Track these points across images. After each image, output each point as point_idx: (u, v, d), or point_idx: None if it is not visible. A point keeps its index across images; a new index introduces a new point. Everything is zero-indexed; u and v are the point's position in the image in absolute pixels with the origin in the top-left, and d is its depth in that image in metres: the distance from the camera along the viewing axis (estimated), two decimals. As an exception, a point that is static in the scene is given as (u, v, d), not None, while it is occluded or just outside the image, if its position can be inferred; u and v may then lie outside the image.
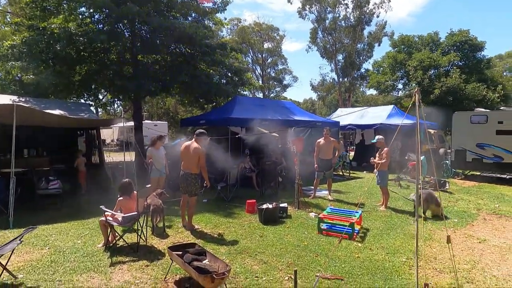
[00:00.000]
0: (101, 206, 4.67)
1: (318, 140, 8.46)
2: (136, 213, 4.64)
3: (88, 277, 3.89)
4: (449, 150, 14.40)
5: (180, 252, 3.66)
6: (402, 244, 5.07)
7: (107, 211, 4.63)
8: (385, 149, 7.29)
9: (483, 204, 8.01)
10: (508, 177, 11.66)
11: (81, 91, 13.32)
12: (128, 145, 18.61)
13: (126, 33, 13.37)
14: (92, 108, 16.36)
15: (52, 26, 11.25)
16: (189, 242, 4.42)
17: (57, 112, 9.17)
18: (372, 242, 5.16)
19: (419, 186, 3.59)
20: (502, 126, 11.22)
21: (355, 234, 5.33)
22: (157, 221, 5.54)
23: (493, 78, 24.83)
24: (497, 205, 7.99)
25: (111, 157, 10.07)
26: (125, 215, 4.69)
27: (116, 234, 4.73)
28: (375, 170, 7.47)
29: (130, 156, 13.40)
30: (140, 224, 4.83)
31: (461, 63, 24.91)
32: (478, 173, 12.39)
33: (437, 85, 21.41)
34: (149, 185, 5.15)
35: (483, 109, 12.69)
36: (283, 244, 5.00)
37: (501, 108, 15.18)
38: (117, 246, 4.80)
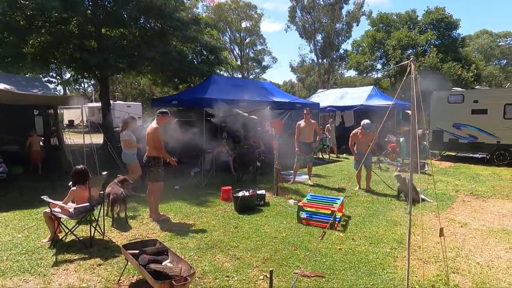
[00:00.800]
0: (43, 197, 4.00)
1: (299, 122, 7.99)
2: (88, 204, 4.00)
3: (20, 281, 3.26)
4: (427, 131, 14.45)
5: (137, 251, 3.11)
6: (386, 233, 4.76)
7: (52, 202, 3.97)
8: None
9: (460, 185, 7.93)
10: (480, 156, 11.76)
11: (35, 65, 12.03)
12: (98, 126, 17.55)
13: (87, 2, 12.12)
14: (52, 85, 15.06)
15: None
16: (149, 238, 3.86)
17: (1, 86, 8.10)
18: (355, 231, 4.81)
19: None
20: (477, 105, 11.20)
21: (336, 223, 4.96)
22: (117, 211, 4.94)
23: (467, 57, 25.13)
24: (473, 185, 7.96)
25: (72, 139, 9.16)
26: (77, 206, 4.05)
27: (62, 229, 4.08)
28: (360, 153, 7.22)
29: (99, 139, 12.52)
30: (94, 216, 4.21)
31: (437, 42, 24.96)
32: (454, 154, 12.46)
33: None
34: (105, 172, 4.50)
35: (459, 89, 12.63)
36: (260, 236, 4.56)
37: (476, 87, 15.26)
38: (66, 241, 4.18)
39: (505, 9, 78.97)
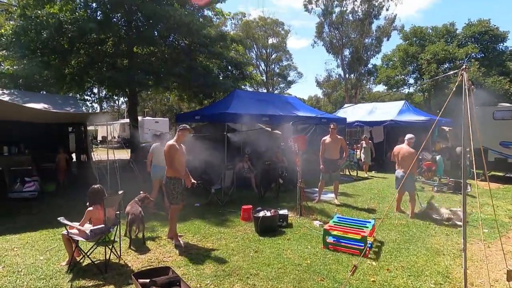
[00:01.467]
0: (59, 218, 3.86)
1: (324, 138, 7.56)
2: (103, 225, 3.82)
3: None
4: (468, 149, 13.39)
5: (147, 281, 2.84)
6: (426, 263, 4.20)
7: (69, 224, 3.83)
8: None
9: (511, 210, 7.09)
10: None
11: (72, 84, 12.57)
12: (126, 142, 17.96)
13: (121, 23, 12.62)
14: (88, 103, 15.69)
15: (41, 12, 10.49)
16: (162, 266, 3.59)
17: (40, 106, 8.44)
18: (389, 260, 4.30)
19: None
20: (529, 122, 10.22)
21: (368, 249, 4.47)
22: (136, 232, 4.74)
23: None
24: (527, 211, 7.08)
25: (99, 155, 9.30)
26: (93, 228, 3.89)
27: (81, 252, 3.91)
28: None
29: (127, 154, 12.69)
30: (109, 238, 4.02)
31: (480, 56, 23.50)
32: (501, 174, 11.39)
33: (452, 79, 20.28)
34: (121, 191, 4.33)
35: (507, 104, 11.65)
36: (282, 262, 4.16)
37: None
38: (83, 265, 4.00)
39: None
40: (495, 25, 23.95)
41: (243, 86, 16.50)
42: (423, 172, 10.62)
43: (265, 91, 39.71)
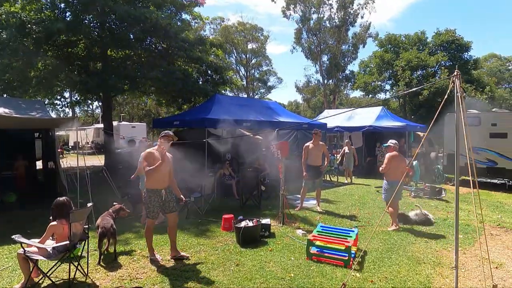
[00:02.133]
0: (13, 236, 3.48)
1: (306, 144, 7.45)
2: (67, 242, 3.48)
3: None
4: (440, 154, 13.79)
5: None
6: (409, 273, 4.14)
7: (26, 242, 3.46)
8: (387, 154, 6.09)
9: (484, 215, 7.24)
10: (499, 182, 11.07)
11: (39, 88, 11.88)
12: (102, 148, 17.23)
13: (93, 24, 12.09)
14: (58, 107, 14.92)
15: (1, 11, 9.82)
16: (133, 287, 3.30)
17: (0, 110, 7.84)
18: (373, 271, 4.20)
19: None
20: (495, 128, 10.63)
21: (351, 259, 4.36)
22: (105, 246, 4.40)
23: (479, 79, 24.59)
24: (499, 215, 7.28)
25: (69, 163, 8.78)
26: (55, 245, 3.54)
27: (40, 271, 3.54)
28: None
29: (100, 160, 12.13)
30: (74, 254, 3.69)
31: (448, 64, 24.54)
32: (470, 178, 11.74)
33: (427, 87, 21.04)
34: (90, 204, 3.99)
35: (475, 111, 12.07)
36: (264, 276, 3.97)
37: (494, 109, 14.70)
38: (42, 286, 3.64)
39: None
40: (460, 35, 25.20)
41: (223, 91, 16.28)
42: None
43: (245, 96, 39.61)
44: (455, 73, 2.07)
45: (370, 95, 29.73)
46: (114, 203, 5.14)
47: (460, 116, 2.00)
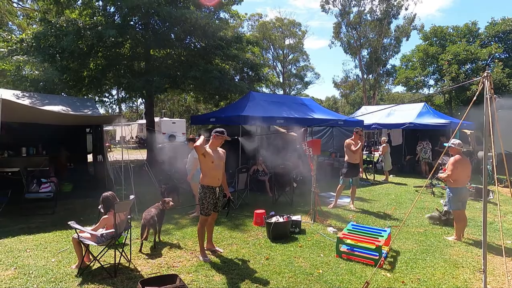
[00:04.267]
0: (69, 222, 3.91)
1: (347, 141, 7.37)
2: (113, 230, 3.84)
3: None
4: (490, 153, 12.83)
5: (154, 289, 2.82)
6: (444, 276, 4.01)
7: (79, 228, 3.87)
8: (451, 158, 5.34)
9: (538, 220, 6.72)
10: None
11: (90, 87, 12.88)
12: (143, 142, 18.19)
13: (138, 26, 12.83)
14: (106, 104, 16.04)
15: (61, 19, 10.81)
16: (170, 274, 3.56)
17: (58, 108, 8.67)
18: (405, 272, 4.13)
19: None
20: (556, 125, 9.71)
21: (382, 259, 4.31)
22: (144, 235, 4.74)
23: (543, 72, 22.19)
24: (555, 220, 6.69)
25: (115, 156, 9.47)
26: (103, 232, 3.92)
27: (91, 255, 3.94)
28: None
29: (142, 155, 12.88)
30: (119, 242, 4.05)
31: (504, 56, 22.43)
32: (525, 180, 10.85)
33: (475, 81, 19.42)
34: (132, 197, 4.33)
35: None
36: (293, 271, 4.07)
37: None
38: (93, 268, 4.04)
39: None
40: (519, 24, 22.81)
41: (258, 88, 16.46)
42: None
43: (281, 92, 39.54)
44: (485, 74, 1.99)
45: (413, 91, 28.22)
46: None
47: (489, 118, 1.93)
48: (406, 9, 30.99)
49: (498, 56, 22.21)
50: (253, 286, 3.68)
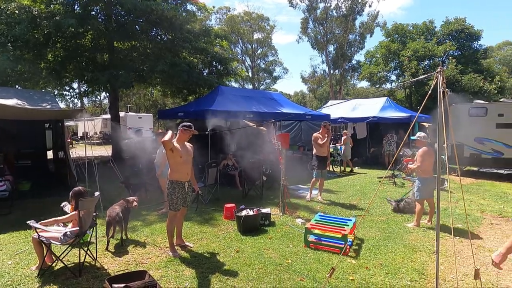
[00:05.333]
0: (29, 222, 3.71)
1: (315, 135, 7.52)
2: (77, 228, 3.70)
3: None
4: (444, 145, 13.73)
5: (122, 286, 2.77)
6: (404, 260, 4.28)
7: (39, 227, 3.69)
8: (420, 150, 5.61)
9: (486, 205, 7.32)
10: (506, 172, 11.07)
11: (49, 79, 12.15)
12: (109, 138, 17.54)
13: (100, 16, 12.24)
14: (67, 98, 15.22)
15: (12, 5, 10.03)
16: (138, 270, 3.51)
17: (13, 101, 8.11)
18: (369, 258, 4.35)
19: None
20: (502, 119, 10.56)
21: (348, 247, 4.51)
22: (111, 233, 4.61)
23: (489, 69, 24.10)
24: (501, 205, 7.32)
25: (78, 153, 9.07)
26: (67, 231, 3.76)
27: (53, 255, 3.78)
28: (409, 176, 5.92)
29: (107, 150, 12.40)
30: (84, 240, 3.92)
31: (457, 53, 24.10)
32: (475, 169, 11.77)
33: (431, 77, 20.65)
34: (97, 193, 4.18)
35: (482, 101, 11.98)
36: (263, 262, 4.15)
37: (501, 100, 14.54)
38: (56, 269, 3.87)
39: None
40: (470, 24, 24.64)
41: (228, 82, 16.37)
42: (403, 168, 10.82)
43: (251, 86, 39.57)
44: (438, 69, 2.15)
45: (377, 86, 29.43)
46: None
47: (442, 111, 2.09)
48: (370, 6, 32.05)
49: (452, 53, 23.73)
50: (223, 278, 3.71)
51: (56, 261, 3.80)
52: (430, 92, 2.18)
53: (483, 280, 3.75)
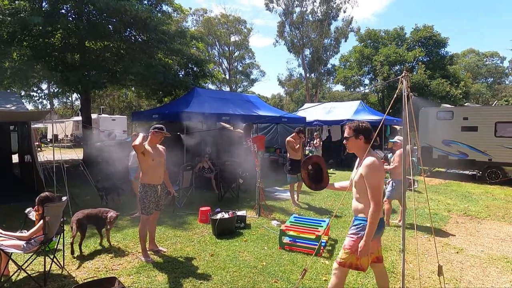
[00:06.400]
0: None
1: (289, 139, 7.48)
2: (42, 235, 3.53)
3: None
4: (415, 147, 14.31)
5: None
6: (375, 259, 4.39)
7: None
8: (397, 151, 5.93)
9: (452, 205, 7.67)
10: (470, 173, 11.66)
11: (14, 79, 11.56)
12: (81, 141, 16.90)
13: (70, 15, 11.80)
14: (36, 99, 14.55)
15: None
16: (108, 276, 3.39)
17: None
18: (341, 258, 4.43)
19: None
20: (467, 122, 11.13)
21: (322, 248, 4.58)
22: (77, 238, 4.42)
23: (455, 75, 25.45)
24: (466, 205, 7.70)
25: (46, 156, 8.67)
26: (31, 238, 3.57)
27: (14, 264, 3.56)
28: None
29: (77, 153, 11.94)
30: (49, 248, 3.74)
31: (425, 59, 25.28)
32: (444, 170, 12.32)
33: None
34: (64, 198, 4.01)
35: (448, 105, 12.58)
36: (237, 265, 4.13)
37: (466, 104, 15.33)
38: (18, 279, 3.67)
39: (491, 30, 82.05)
40: (437, 31, 25.99)
41: (204, 84, 16.24)
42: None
43: (228, 89, 39.49)
44: (403, 73, 2.25)
45: (351, 89, 30.25)
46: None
47: (406, 114, 2.19)
48: (344, 11, 33.00)
49: (421, 59, 24.85)
50: (197, 283, 3.66)
51: (18, 270, 3.60)
52: (395, 95, 2.27)
53: (448, 276, 3.92)
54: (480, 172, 10.95)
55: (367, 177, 2.56)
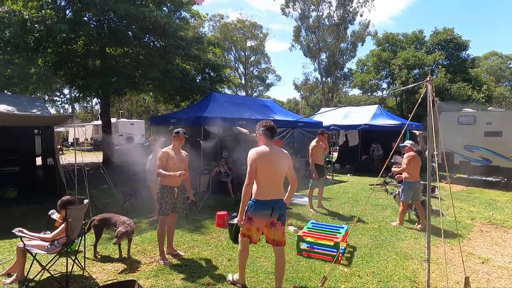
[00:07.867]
0: (14, 230, 3.61)
1: (313, 144, 7.33)
2: (65, 237, 3.62)
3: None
4: (436, 153, 13.93)
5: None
6: (395, 268, 4.28)
7: (25, 235, 3.59)
8: (406, 154, 6.08)
9: (476, 212, 7.40)
10: (494, 180, 11.22)
11: (39, 85, 12.01)
12: (100, 145, 17.33)
13: (92, 22, 12.19)
14: (58, 104, 15.06)
15: (1, 9, 9.95)
16: (127, 279, 3.44)
17: (1, 107, 7.98)
18: (361, 266, 4.34)
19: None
20: (490, 127, 10.76)
21: (340, 255, 4.50)
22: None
23: (477, 78, 24.68)
24: (490, 213, 7.40)
25: (67, 159, 8.91)
26: (54, 240, 3.67)
27: (39, 265, 3.66)
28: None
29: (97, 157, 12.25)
30: (71, 249, 3.83)
31: (446, 63, 24.65)
32: (465, 176, 11.92)
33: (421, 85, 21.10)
34: (86, 201, 4.10)
35: (470, 110, 12.20)
36: (254, 271, 4.11)
37: (489, 108, 14.83)
38: (42, 279, 3.77)
39: (513, 31, 79.34)
40: (458, 34, 25.31)
41: (220, 89, 16.40)
42: (395, 176, 10.90)
43: (244, 93, 39.70)
44: (428, 78, 2.18)
45: (368, 94, 29.82)
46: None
47: (431, 119, 2.12)
48: (361, 15, 32.70)
49: (441, 62, 24.24)
50: (215, 287, 3.66)
51: (42, 270, 3.70)
52: (419, 100, 2.21)
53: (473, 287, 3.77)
54: (506, 179, 10.52)
55: None
